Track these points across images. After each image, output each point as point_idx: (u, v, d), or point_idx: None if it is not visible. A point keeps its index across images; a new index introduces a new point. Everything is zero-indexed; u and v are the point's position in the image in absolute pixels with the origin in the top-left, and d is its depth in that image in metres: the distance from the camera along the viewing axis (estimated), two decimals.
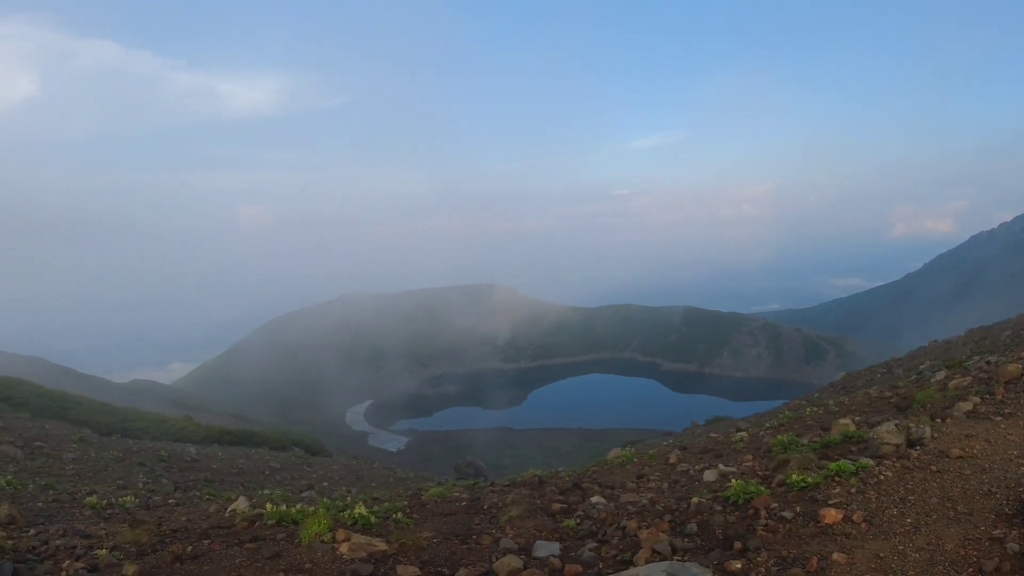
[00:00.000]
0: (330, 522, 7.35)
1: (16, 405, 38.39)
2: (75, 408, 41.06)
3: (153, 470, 26.29)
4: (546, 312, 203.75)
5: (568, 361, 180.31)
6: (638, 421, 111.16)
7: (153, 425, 42.02)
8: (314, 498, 16.03)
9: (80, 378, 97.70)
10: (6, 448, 22.81)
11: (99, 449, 29.27)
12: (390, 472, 40.54)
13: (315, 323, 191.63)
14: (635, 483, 11.66)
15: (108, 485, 19.49)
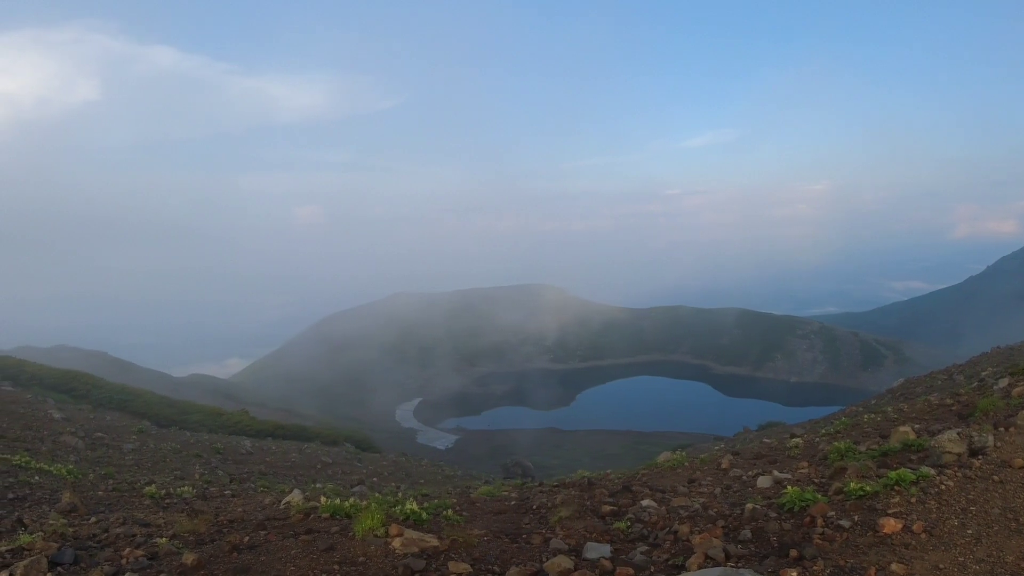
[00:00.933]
0: (383, 517, 7.45)
1: (78, 397, 39.74)
2: (135, 401, 42.28)
3: (209, 462, 26.94)
4: (595, 312, 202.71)
5: (617, 363, 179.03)
6: (688, 425, 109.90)
7: (210, 418, 43.06)
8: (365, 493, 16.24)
9: (140, 372, 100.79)
10: (68, 438, 23.55)
11: (158, 440, 30.13)
12: (438, 469, 40.85)
13: (365, 321, 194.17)
14: (686, 487, 11.53)
15: (166, 475, 20.01)
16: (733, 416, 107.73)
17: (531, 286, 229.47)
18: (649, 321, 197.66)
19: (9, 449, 17.64)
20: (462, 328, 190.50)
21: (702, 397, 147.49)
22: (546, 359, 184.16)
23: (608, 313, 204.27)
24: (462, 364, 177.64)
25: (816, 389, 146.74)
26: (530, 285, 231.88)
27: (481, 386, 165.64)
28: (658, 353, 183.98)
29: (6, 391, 32.07)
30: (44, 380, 41.31)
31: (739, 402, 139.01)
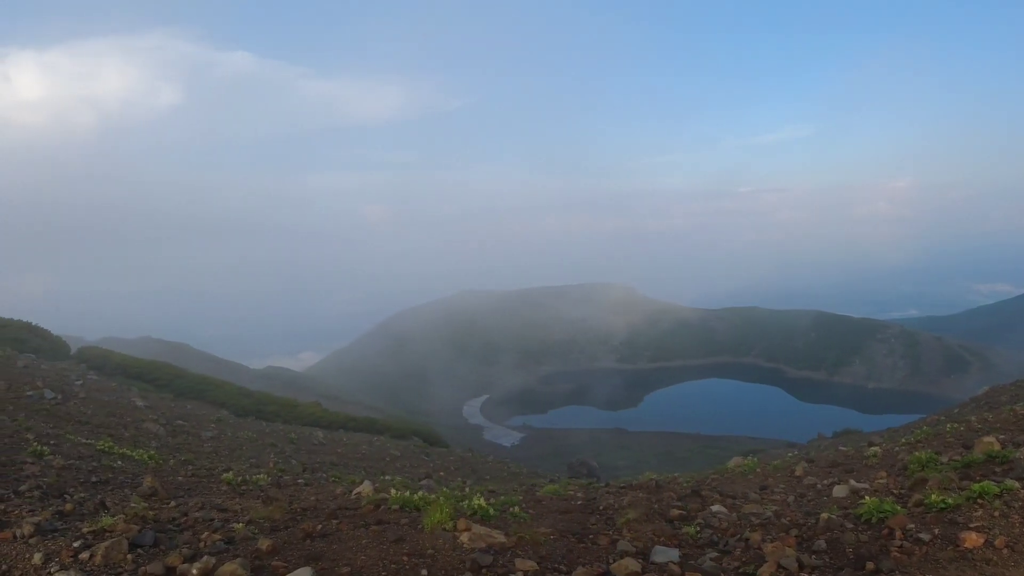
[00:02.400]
0: (451, 511, 7.53)
1: (160, 386, 41.30)
2: (214, 391, 43.69)
3: (284, 451, 27.67)
4: (665, 312, 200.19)
5: (687, 364, 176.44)
6: (759, 430, 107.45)
7: (285, 409, 44.18)
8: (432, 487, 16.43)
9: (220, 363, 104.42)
10: (150, 425, 24.48)
11: (235, 429, 31.11)
12: (504, 466, 41.01)
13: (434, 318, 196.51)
14: (758, 494, 11.30)
15: (242, 463, 20.60)
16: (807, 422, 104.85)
17: (599, 285, 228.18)
18: (721, 322, 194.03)
19: (94, 435, 18.46)
20: (529, 326, 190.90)
21: (775, 402, 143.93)
22: (613, 359, 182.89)
23: (678, 313, 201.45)
24: (528, 362, 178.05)
25: (895, 396, 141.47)
26: (598, 284, 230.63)
27: (547, 384, 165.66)
28: (729, 355, 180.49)
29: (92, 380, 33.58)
30: (129, 370, 43.07)
31: (813, 408, 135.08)
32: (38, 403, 22.09)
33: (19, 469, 10.51)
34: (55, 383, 27.12)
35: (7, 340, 37.70)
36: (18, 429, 15.17)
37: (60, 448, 13.87)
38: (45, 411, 20.96)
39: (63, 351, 42.88)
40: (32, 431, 15.43)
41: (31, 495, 8.81)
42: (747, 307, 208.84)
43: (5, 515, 7.26)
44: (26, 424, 16.44)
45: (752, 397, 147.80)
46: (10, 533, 6.51)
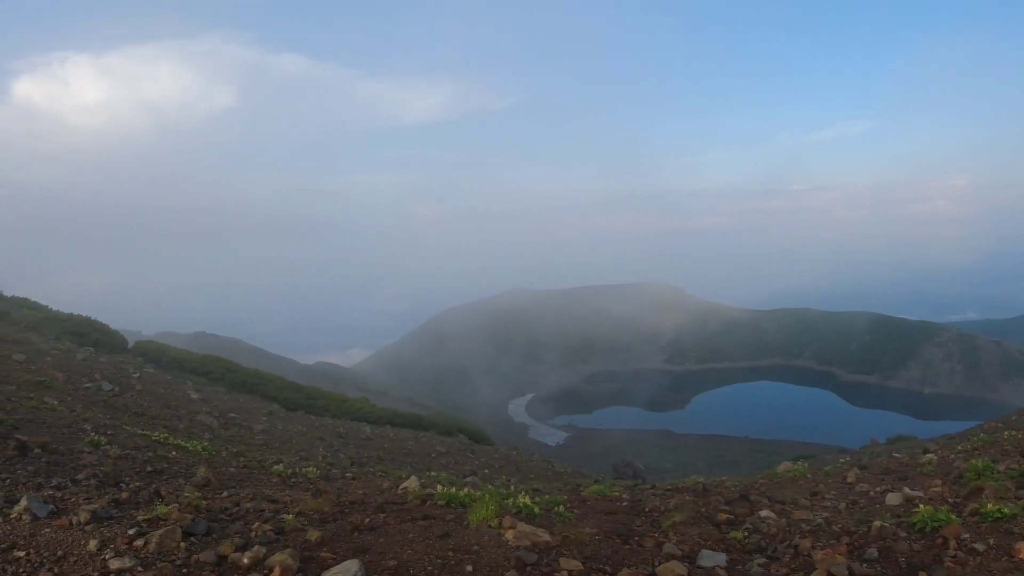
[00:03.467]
0: (496, 509, 7.55)
1: (214, 380, 42.26)
2: (266, 385, 44.53)
3: (332, 445, 28.09)
4: (713, 313, 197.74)
5: (735, 366, 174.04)
6: (810, 434, 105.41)
7: (333, 404, 44.82)
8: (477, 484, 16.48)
9: (271, 358, 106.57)
10: (204, 418, 25.07)
11: (285, 423, 31.70)
12: (548, 465, 40.97)
13: (480, 316, 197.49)
14: (808, 500, 11.10)
15: (292, 456, 20.95)
16: (859, 427, 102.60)
17: (647, 284, 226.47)
18: (771, 323, 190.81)
19: (150, 426, 18.97)
20: (575, 325, 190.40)
21: (826, 406, 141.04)
22: (660, 359, 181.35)
23: (727, 314, 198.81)
24: (575, 361, 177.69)
25: (952, 401, 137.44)
26: (646, 283, 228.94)
27: (593, 384, 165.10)
28: (780, 357, 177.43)
29: (149, 373, 34.51)
30: (184, 364, 44.16)
31: (866, 412, 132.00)
32: (96, 394, 22.79)
33: (76, 458, 10.82)
34: (113, 375, 27.94)
35: (67, 334, 38.99)
36: (76, 419, 15.64)
37: (116, 438, 14.28)
38: (103, 402, 21.61)
39: (121, 345, 44.16)
40: (89, 421, 15.91)
41: (88, 483, 9.06)
42: (799, 308, 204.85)
43: (62, 502, 7.48)
44: (84, 415, 16.96)
45: (803, 401, 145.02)
46: (67, 520, 6.71)
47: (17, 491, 7.80)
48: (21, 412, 14.35)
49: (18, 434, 11.02)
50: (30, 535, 6.32)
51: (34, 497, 7.14)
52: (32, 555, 5.93)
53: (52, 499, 7.47)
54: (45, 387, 20.56)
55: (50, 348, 30.80)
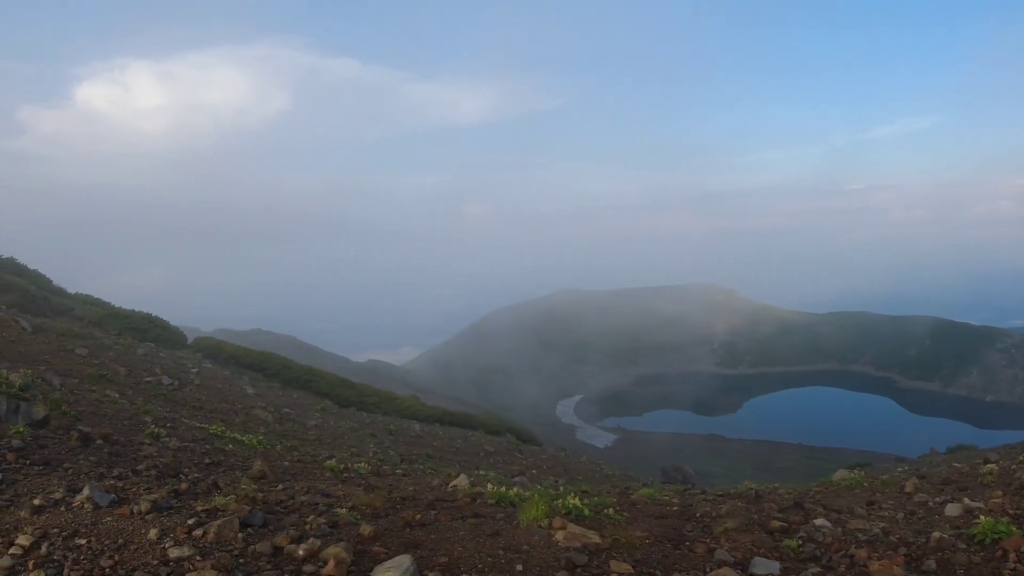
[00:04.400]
0: (547, 509, 7.55)
1: (270, 376, 43.16)
2: (319, 381, 45.31)
3: (382, 441, 28.44)
4: (767, 316, 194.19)
5: (789, 370, 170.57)
6: (866, 442, 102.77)
7: (384, 401, 45.37)
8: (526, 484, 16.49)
9: (324, 356, 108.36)
10: (259, 412, 25.64)
11: (337, 419, 32.21)
12: (596, 467, 40.80)
13: (530, 317, 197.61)
14: (865, 510, 10.84)
15: (343, 451, 21.25)
16: (918, 435, 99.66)
17: (699, 286, 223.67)
18: (827, 327, 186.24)
19: (207, 419, 19.46)
20: (625, 327, 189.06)
21: (884, 413, 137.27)
22: (712, 362, 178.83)
23: (782, 317, 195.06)
24: (624, 363, 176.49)
25: (1014, 410, 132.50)
26: (697, 285, 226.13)
27: (642, 387, 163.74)
28: (836, 362, 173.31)
29: (207, 368, 35.44)
30: (240, 360, 45.19)
31: (926, 420, 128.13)
32: (156, 388, 23.48)
33: (137, 449, 11.10)
34: (172, 370, 28.74)
35: (129, 330, 40.27)
36: (137, 412, 16.12)
37: (176, 431, 14.67)
38: (162, 396, 22.25)
39: (180, 341, 45.41)
40: (150, 414, 16.38)
41: (148, 474, 9.30)
42: (856, 311, 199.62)
43: (123, 492, 7.67)
44: (144, 408, 17.47)
45: (859, 407, 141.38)
46: (128, 509, 6.87)
47: (79, 480, 8.00)
48: (84, 404, 14.83)
49: (81, 425, 11.35)
50: (92, 523, 6.49)
51: (96, 486, 7.32)
52: (94, 542, 6.08)
53: (113, 489, 7.66)
54: (107, 380, 21.25)
55: (112, 343, 31.81)
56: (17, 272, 44.95)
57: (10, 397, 10.80)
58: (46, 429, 10.36)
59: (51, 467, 8.55)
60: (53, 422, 10.65)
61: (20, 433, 9.61)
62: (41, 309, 37.06)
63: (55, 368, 19.48)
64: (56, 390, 14.98)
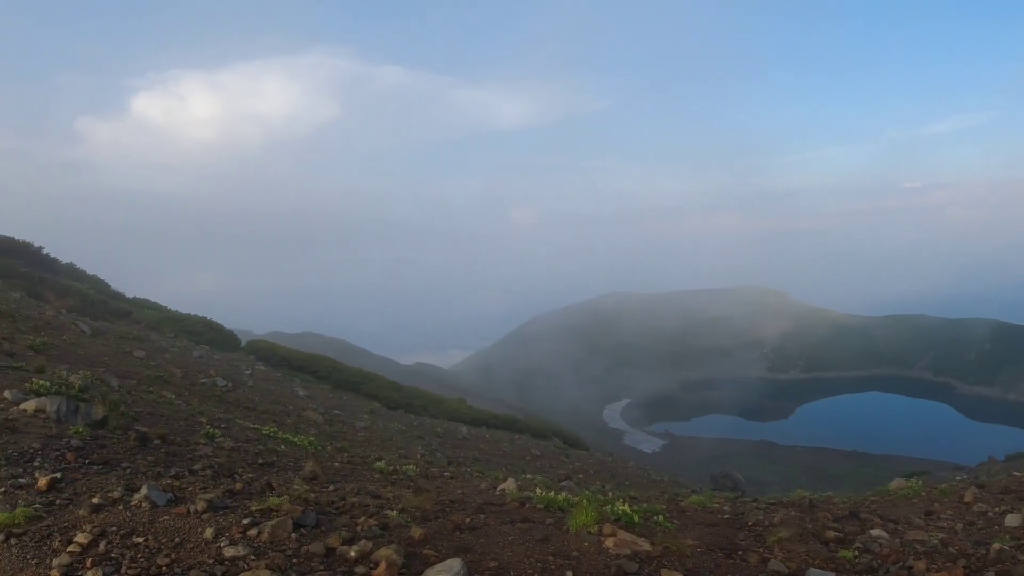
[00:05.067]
0: (596, 515, 7.50)
1: (320, 378, 43.79)
2: (368, 384, 45.83)
3: (430, 444, 28.60)
4: (820, 319, 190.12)
5: (843, 375, 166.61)
6: (923, 450, 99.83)
7: (431, 404, 45.68)
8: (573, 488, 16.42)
9: (373, 358, 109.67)
10: (310, 414, 26.02)
11: (386, 421, 32.51)
12: (644, 473, 40.45)
13: (577, 320, 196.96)
14: (922, 520, 10.55)
15: (392, 453, 21.43)
16: (977, 443, 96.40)
17: (749, 288, 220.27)
18: (883, 331, 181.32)
19: (260, 420, 19.81)
20: (674, 330, 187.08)
21: (942, 419, 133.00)
22: (763, 367, 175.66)
23: (835, 320, 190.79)
24: (672, 367, 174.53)
25: None
26: (748, 287, 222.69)
27: (690, 391, 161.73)
28: (892, 367, 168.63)
29: (260, 370, 36.14)
30: (292, 362, 45.95)
31: (985, 427, 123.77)
32: (211, 389, 24.00)
33: (193, 449, 11.34)
34: (226, 372, 29.37)
35: (185, 333, 41.34)
36: (192, 413, 16.48)
37: (230, 431, 14.96)
38: (217, 397, 22.73)
39: (234, 343, 46.42)
40: (205, 415, 16.73)
41: (204, 474, 9.48)
42: (913, 315, 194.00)
43: (180, 491, 7.83)
44: (200, 408, 17.86)
45: (916, 413, 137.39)
46: (184, 508, 7.01)
47: (137, 480, 8.18)
48: (141, 405, 15.20)
49: (138, 426, 11.63)
50: (149, 522, 6.63)
51: (153, 486, 7.49)
52: (151, 541, 6.21)
53: (170, 488, 7.82)
54: (164, 382, 21.78)
55: (169, 346, 32.65)
56: (77, 277, 46.49)
57: (70, 398, 11.10)
58: (105, 429, 10.60)
59: (110, 466, 8.75)
60: (112, 422, 10.90)
61: (80, 433, 9.85)
62: (100, 313, 38.24)
63: (114, 370, 20.03)
64: (115, 391, 15.39)
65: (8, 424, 9.47)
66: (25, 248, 44.80)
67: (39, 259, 45.26)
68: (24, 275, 38.15)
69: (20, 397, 11.04)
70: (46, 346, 19.37)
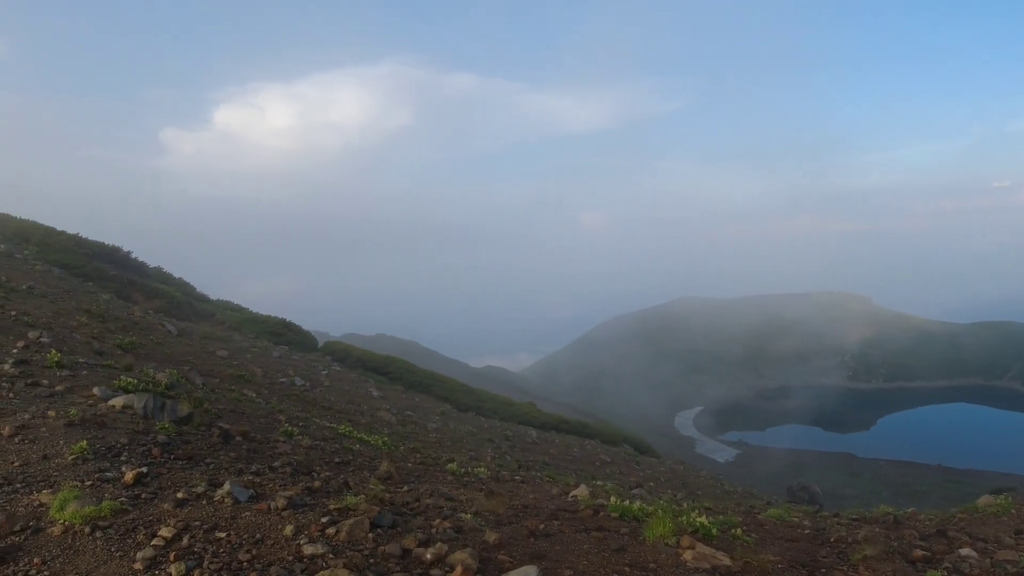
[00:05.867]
0: (673, 526, 7.36)
1: (393, 379, 44.46)
2: (440, 386, 46.31)
3: (500, 447, 28.69)
4: (904, 326, 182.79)
5: (928, 385, 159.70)
6: (1013, 465, 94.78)
7: (501, 407, 45.84)
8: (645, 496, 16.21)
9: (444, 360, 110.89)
10: (384, 414, 26.46)
11: (456, 423, 32.77)
12: (717, 483, 39.65)
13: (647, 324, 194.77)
14: (1013, 539, 10.02)
15: (463, 455, 21.56)
16: None
17: (828, 293, 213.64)
18: (971, 339, 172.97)
19: (335, 419, 20.23)
20: (750, 337, 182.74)
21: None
22: (843, 375, 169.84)
23: (920, 327, 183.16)
24: (748, 374, 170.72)
25: None
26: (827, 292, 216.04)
27: (767, 399, 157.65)
28: (980, 377, 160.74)
29: (336, 371, 36.95)
30: (366, 363, 46.79)
31: None
32: (289, 389, 24.66)
33: (273, 447, 11.64)
34: (304, 372, 30.14)
35: (265, 333, 42.63)
36: (272, 411, 16.95)
37: (307, 430, 15.32)
38: (295, 396, 23.33)
39: (311, 344, 47.59)
40: (284, 413, 17.18)
41: (283, 471, 9.72)
42: (1003, 321, 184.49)
43: (261, 488, 8.03)
44: (279, 407, 18.36)
45: (1005, 426, 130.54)
46: (265, 505, 7.20)
47: (220, 475, 8.43)
48: (224, 403, 15.71)
49: (221, 423, 12.01)
50: (231, 517, 6.81)
51: (236, 482, 7.70)
52: (232, 536, 6.38)
53: (251, 484, 8.02)
54: (245, 381, 22.48)
55: (250, 346, 33.70)
56: (164, 280, 48.43)
57: (157, 395, 11.53)
58: (189, 426, 10.96)
59: (194, 462, 9.04)
60: (196, 419, 11.27)
61: (166, 429, 10.21)
62: (185, 314, 39.78)
63: (198, 368, 20.76)
64: (199, 389, 15.94)
65: (97, 420, 9.86)
66: (115, 252, 46.82)
67: (128, 263, 47.24)
68: (114, 278, 39.95)
69: (109, 394, 11.46)
70: (134, 345, 20.15)
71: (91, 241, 45.51)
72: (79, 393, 11.45)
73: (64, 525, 6.29)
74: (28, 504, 6.80)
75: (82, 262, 39.77)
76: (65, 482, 7.35)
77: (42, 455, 8.19)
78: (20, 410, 9.97)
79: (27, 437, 8.79)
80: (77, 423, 9.52)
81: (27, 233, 41.94)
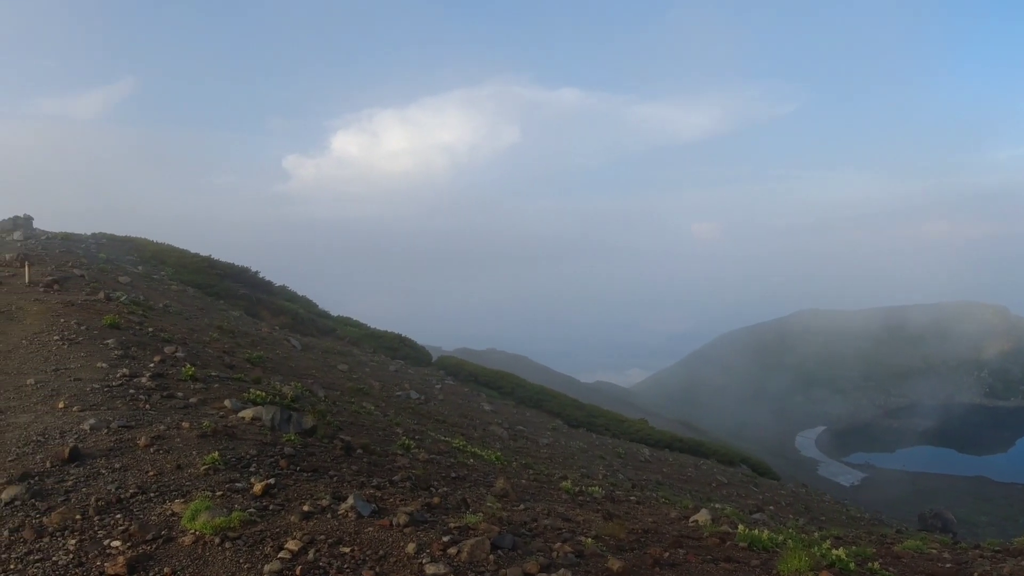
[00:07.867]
0: (810, 561, 6.95)
1: (504, 394, 44.71)
2: (550, 401, 46.20)
3: (611, 464, 28.23)
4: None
5: None
6: None
7: (613, 423, 45.22)
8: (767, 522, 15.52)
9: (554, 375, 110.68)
10: (495, 428, 26.59)
11: (568, 439, 32.54)
12: (842, 508, 37.62)
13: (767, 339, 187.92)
14: None
15: (575, 472, 21.34)
16: None
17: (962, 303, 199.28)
18: None
19: (449, 433, 20.50)
20: (876, 352, 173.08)
21: None
22: (979, 393, 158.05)
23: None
24: (875, 392, 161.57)
25: None
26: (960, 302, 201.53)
27: (896, 419, 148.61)
28: None
29: (449, 385, 37.55)
30: (478, 377, 47.30)
31: None
32: (405, 401, 25.23)
33: (392, 460, 11.84)
34: (419, 386, 30.78)
35: (382, 348, 43.97)
36: (389, 424, 17.34)
37: (423, 443, 15.57)
38: (411, 409, 23.84)
39: (426, 358, 48.67)
40: (400, 426, 17.55)
41: (403, 485, 9.83)
42: None
43: (382, 502, 8.13)
44: (395, 419, 18.77)
45: None
46: (387, 521, 7.27)
47: (343, 488, 8.59)
48: (344, 415, 16.18)
49: (343, 435, 12.34)
50: (355, 532, 6.91)
51: (359, 496, 7.84)
52: (356, 552, 6.44)
53: (373, 498, 8.15)
54: (364, 394, 23.16)
55: (368, 360, 34.78)
56: (289, 298, 50.73)
57: (283, 407, 11.97)
58: (314, 437, 11.31)
59: (318, 474, 9.28)
60: (319, 431, 11.62)
61: (292, 441, 10.56)
62: (308, 330, 41.52)
63: (320, 382, 21.56)
64: (321, 401, 16.52)
65: (228, 431, 10.30)
66: (244, 272, 49.52)
67: (256, 282, 49.82)
68: (243, 296, 42.29)
69: (239, 406, 11.99)
70: (262, 359, 21.12)
71: (222, 262, 48.24)
72: (211, 405, 12.01)
73: (195, 535, 6.51)
74: (161, 513, 7.09)
75: (214, 282, 42.31)
76: (197, 492, 7.64)
77: (176, 465, 8.55)
78: (156, 421, 10.50)
79: (162, 447, 9.21)
80: (209, 434, 9.94)
81: (163, 256, 45.01)
